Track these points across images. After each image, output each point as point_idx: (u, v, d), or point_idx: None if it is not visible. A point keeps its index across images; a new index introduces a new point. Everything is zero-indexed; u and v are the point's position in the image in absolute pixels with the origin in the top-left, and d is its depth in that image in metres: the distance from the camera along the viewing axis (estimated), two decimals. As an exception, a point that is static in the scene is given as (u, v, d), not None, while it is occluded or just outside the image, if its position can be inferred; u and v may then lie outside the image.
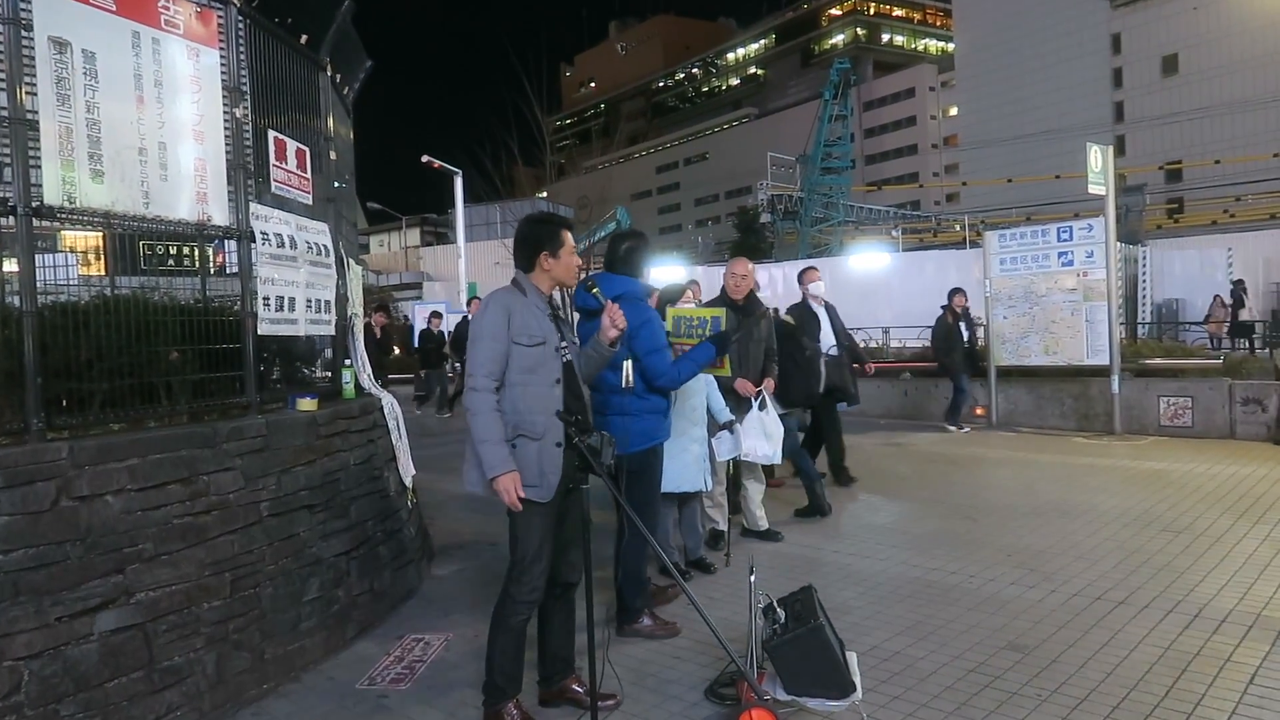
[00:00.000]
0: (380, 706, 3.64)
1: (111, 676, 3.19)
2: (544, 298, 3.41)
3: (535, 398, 3.25)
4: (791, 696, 3.27)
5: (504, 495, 3.15)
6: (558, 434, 3.23)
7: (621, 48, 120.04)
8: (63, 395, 3.42)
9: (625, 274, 4.36)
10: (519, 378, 3.25)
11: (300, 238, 4.55)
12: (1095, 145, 10.63)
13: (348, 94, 6.08)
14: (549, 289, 3.45)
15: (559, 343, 3.35)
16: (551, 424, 3.23)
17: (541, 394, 3.26)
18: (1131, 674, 3.68)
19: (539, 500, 3.24)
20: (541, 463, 3.23)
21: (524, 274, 3.43)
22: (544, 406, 3.24)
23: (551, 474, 3.23)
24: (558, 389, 3.29)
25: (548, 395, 3.26)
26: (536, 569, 3.30)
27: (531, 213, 4.02)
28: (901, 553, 5.69)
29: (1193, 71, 52.21)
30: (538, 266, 3.40)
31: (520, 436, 3.24)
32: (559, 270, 3.42)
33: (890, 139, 80.00)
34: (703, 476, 5.11)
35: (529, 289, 3.39)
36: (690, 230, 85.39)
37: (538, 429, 3.23)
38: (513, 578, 3.33)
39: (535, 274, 3.42)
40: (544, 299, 3.41)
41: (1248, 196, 39.13)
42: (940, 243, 39.44)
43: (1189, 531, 5.86)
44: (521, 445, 3.23)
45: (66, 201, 3.35)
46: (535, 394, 3.25)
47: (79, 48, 3.39)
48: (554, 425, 3.23)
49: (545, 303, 3.41)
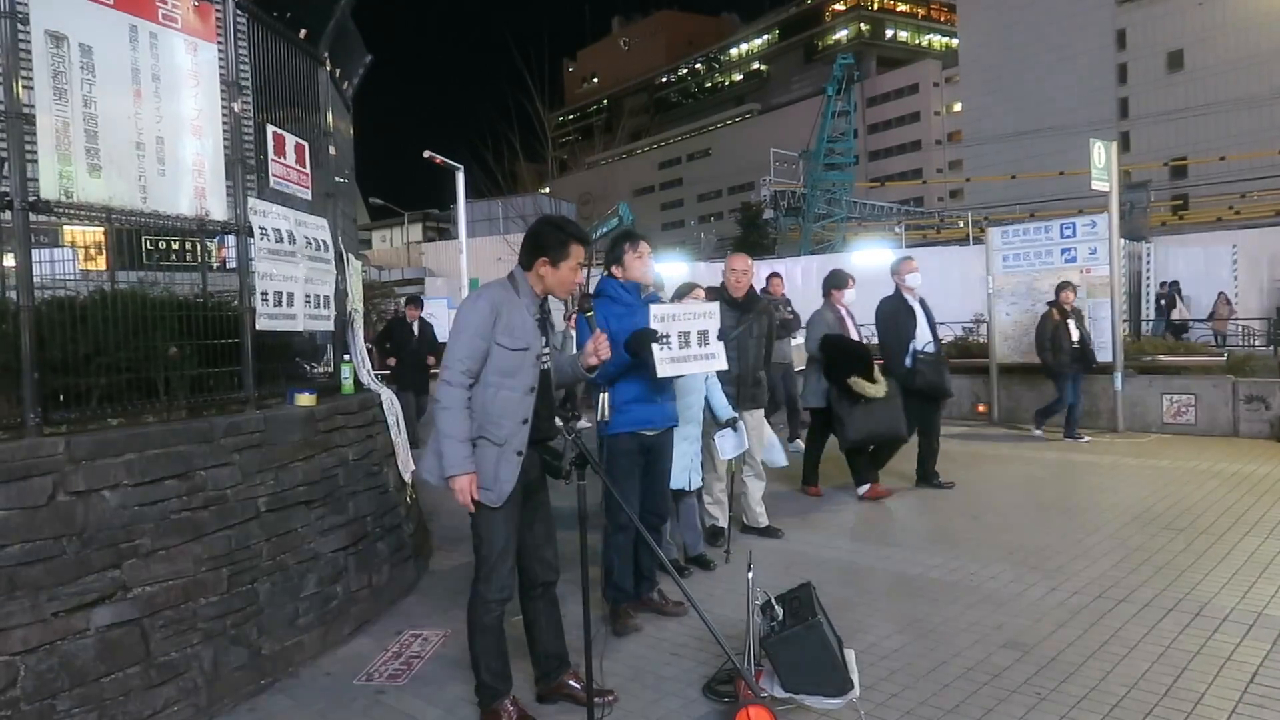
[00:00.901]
0: (378, 702, 3.64)
1: (108, 672, 3.18)
2: (536, 300, 3.37)
3: (506, 402, 3.22)
4: (789, 694, 3.26)
5: (459, 495, 3.16)
6: (520, 442, 3.22)
7: (624, 43, 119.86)
8: (60, 390, 3.42)
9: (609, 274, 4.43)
10: (495, 379, 3.22)
11: (299, 233, 4.54)
12: (1099, 141, 10.59)
13: (347, 89, 6.07)
14: (541, 293, 3.39)
15: (541, 350, 3.31)
16: (517, 431, 3.21)
17: (514, 399, 3.22)
18: (1131, 672, 3.66)
19: (491, 505, 3.22)
20: (499, 468, 3.21)
21: (522, 271, 3.40)
22: (513, 413, 3.21)
23: (505, 481, 3.21)
24: (530, 397, 3.25)
25: (520, 402, 3.23)
26: (504, 567, 3.30)
27: (554, 214, 4.00)
28: (902, 550, 5.68)
29: (1198, 67, 52.08)
30: (535, 270, 3.36)
31: (482, 439, 3.21)
32: (552, 281, 3.35)
33: (894, 135, 79.89)
34: (691, 475, 5.10)
35: (523, 289, 3.34)
36: (693, 226, 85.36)
37: (501, 435, 3.20)
38: (480, 577, 3.32)
39: (530, 275, 3.37)
40: (535, 302, 3.36)
41: (1253, 193, 39.00)
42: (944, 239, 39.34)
43: (1190, 530, 5.85)
44: (482, 448, 3.21)
45: (64, 196, 3.34)
46: (507, 398, 3.22)
47: (76, 41, 3.38)
48: (519, 433, 3.22)
49: (536, 306, 3.36)
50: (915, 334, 7.20)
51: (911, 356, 7.16)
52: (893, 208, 45.60)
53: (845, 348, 6.83)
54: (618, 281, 4.43)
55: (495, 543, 3.28)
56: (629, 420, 4.28)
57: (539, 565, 3.47)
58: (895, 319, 7.28)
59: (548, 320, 3.42)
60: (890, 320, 7.31)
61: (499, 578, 3.29)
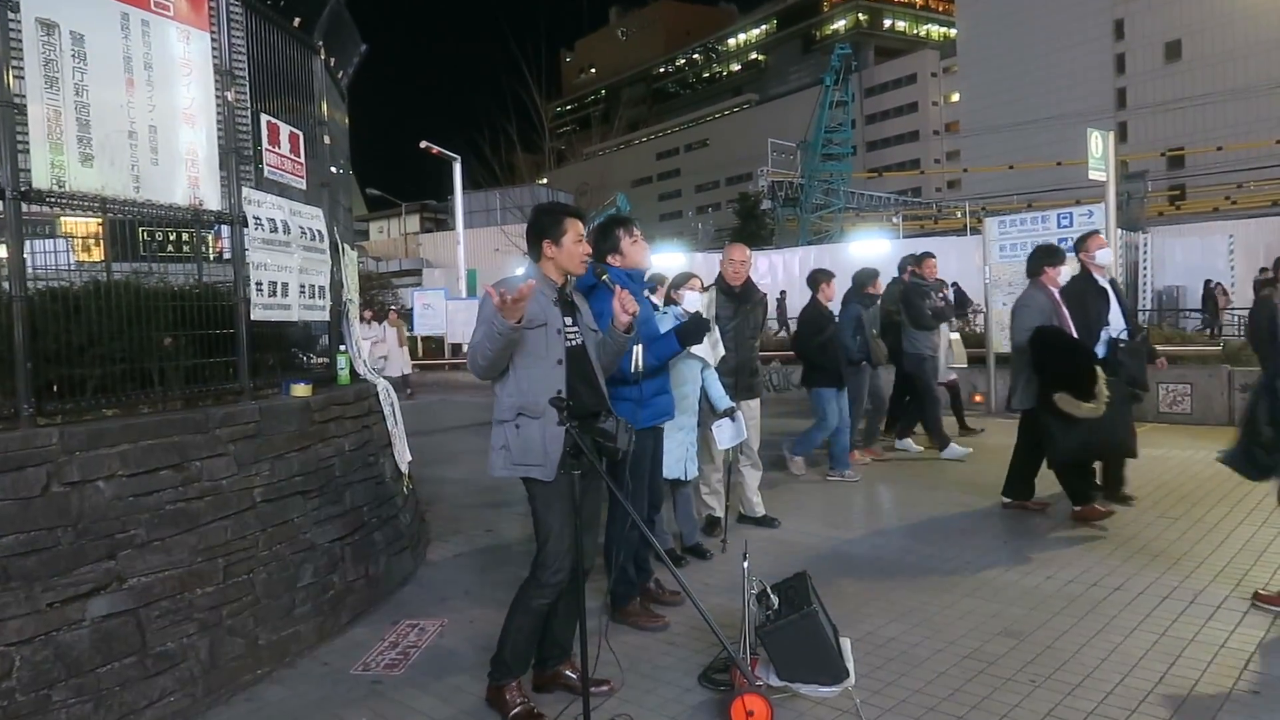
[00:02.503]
0: (374, 692, 3.64)
1: (104, 662, 3.18)
2: (553, 285, 3.41)
3: (537, 378, 3.25)
4: (784, 682, 3.27)
5: (496, 299, 3.03)
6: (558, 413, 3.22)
7: (622, 33, 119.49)
8: (54, 381, 3.41)
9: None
10: (523, 360, 3.27)
11: (294, 223, 4.52)
12: (1096, 131, 10.58)
13: (342, 78, 6.04)
14: (558, 277, 3.43)
15: (563, 326, 3.34)
16: None
17: (543, 374, 3.26)
18: (1126, 660, 3.67)
19: (543, 479, 3.25)
20: (545, 441, 3.22)
21: (534, 263, 3.46)
22: (546, 387, 3.23)
23: (554, 453, 3.22)
24: (560, 369, 3.28)
25: (549, 375, 3.26)
26: (560, 549, 3.30)
27: (544, 203, 4.01)
28: (899, 539, 5.69)
29: (1196, 57, 51.99)
30: (543, 254, 3.41)
31: (522, 416, 3.25)
32: (562, 258, 3.40)
33: (891, 125, 79.71)
34: (687, 465, 5.10)
35: (537, 278, 3.37)
36: (691, 217, 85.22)
37: (539, 408, 3.23)
38: (539, 561, 3.34)
39: (543, 262, 3.43)
40: (552, 286, 3.40)
41: (1249, 183, 39.01)
42: (941, 230, 39.33)
43: (1186, 518, 5.86)
44: (524, 425, 3.24)
45: (56, 185, 3.32)
46: (538, 374, 3.25)
47: (67, 29, 3.36)
48: None
49: (553, 289, 3.40)
50: (1109, 319, 6.02)
51: (1108, 346, 5.92)
52: (890, 198, 45.59)
53: (1062, 345, 5.68)
54: (619, 269, 4.37)
55: (550, 523, 3.29)
56: (654, 414, 4.32)
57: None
58: (1083, 302, 6.05)
59: (571, 301, 3.46)
60: (1077, 304, 6.07)
61: (554, 560, 3.30)
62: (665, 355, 4.29)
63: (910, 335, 8.43)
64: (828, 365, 7.30)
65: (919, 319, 8.34)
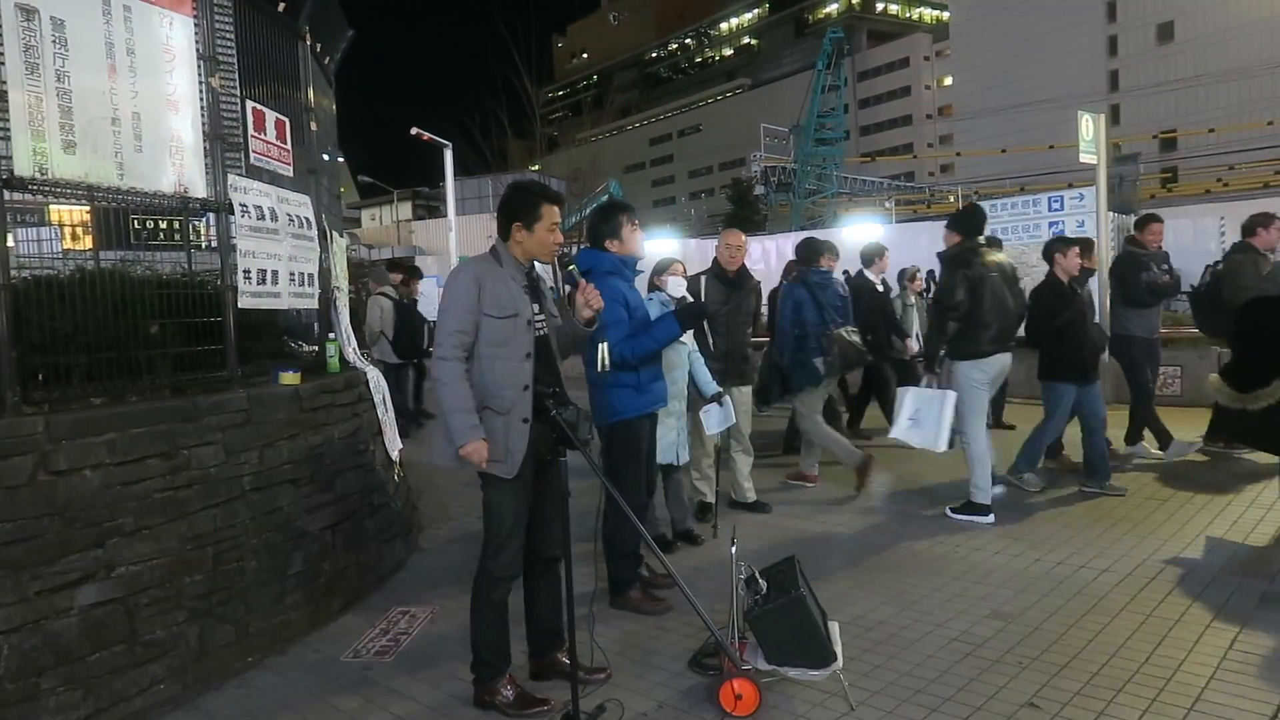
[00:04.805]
0: (365, 679, 3.65)
1: (93, 650, 3.19)
2: (520, 268, 3.33)
3: (504, 371, 3.19)
4: (773, 666, 3.28)
5: (472, 459, 3.12)
6: (525, 409, 3.19)
7: (614, 18, 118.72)
8: (40, 369, 3.40)
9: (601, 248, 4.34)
10: (488, 350, 3.19)
11: (281, 210, 4.50)
12: (1086, 113, 10.56)
13: (329, 64, 5.99)
14: (525, 260, 3.36)
15: (532, 316, 3.28)
16: (519, 399, 3.19)
17: (511, 368, 3.20)
18: (1113, 640, 3.70)
19: (504, 476, 3.21)
20: (508, 438, 3.18)
21: (501, 242, 3.37)
22: (513, 381, 3.19)
23: (516, 450, 3.19)
24: (528, 363, 3.22)
25: (517, 369, 3.20)
26: (512, 544, 3.28)
27: (522, 179, 3.95)
28: (888, 523, 5.71)
29: (1188, 39, 51.88)
30: (511, 237, 3.33)
31: (486, 410, 3.19)
32: (530, 244, 3.32)
33: (884, 109, 79.47)
34: (679, 450, 5.10)
35: (505, 259, 3.31)
36: (684, 203, 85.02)
37: (504, 403, 3.19)
38: (488, 553, 3.31)
39: (510, 244, 3.34)
40: (520, 270, 3.33)
41: (1241, 165, 39.02)
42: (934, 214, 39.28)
43: (1174, 499, 5.89)
44: (487, 419, 3.18)
45: (38, 173, 3.30)
46: (504, 368, 3.19)
47: (47, 15, 3.33)
48: (522, 400, 3.19)
49: (522, 274, 3.33)
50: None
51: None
52: (883, 183, 45.54)
53: None
54: (616, 256, 4.35)
55: (505, 518, 3.26)
56: (652, 399, 4.33)
57: (545, 539, 3.44)
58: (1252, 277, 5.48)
59: (538, 287, 3.39)
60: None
61: (507, 554, 3.27)
62: (666, 338, 4.28)
63: (1120, 314, 7.38)
64: (1068, 355, 6.09)
65: (1131, 294, 7.18)
